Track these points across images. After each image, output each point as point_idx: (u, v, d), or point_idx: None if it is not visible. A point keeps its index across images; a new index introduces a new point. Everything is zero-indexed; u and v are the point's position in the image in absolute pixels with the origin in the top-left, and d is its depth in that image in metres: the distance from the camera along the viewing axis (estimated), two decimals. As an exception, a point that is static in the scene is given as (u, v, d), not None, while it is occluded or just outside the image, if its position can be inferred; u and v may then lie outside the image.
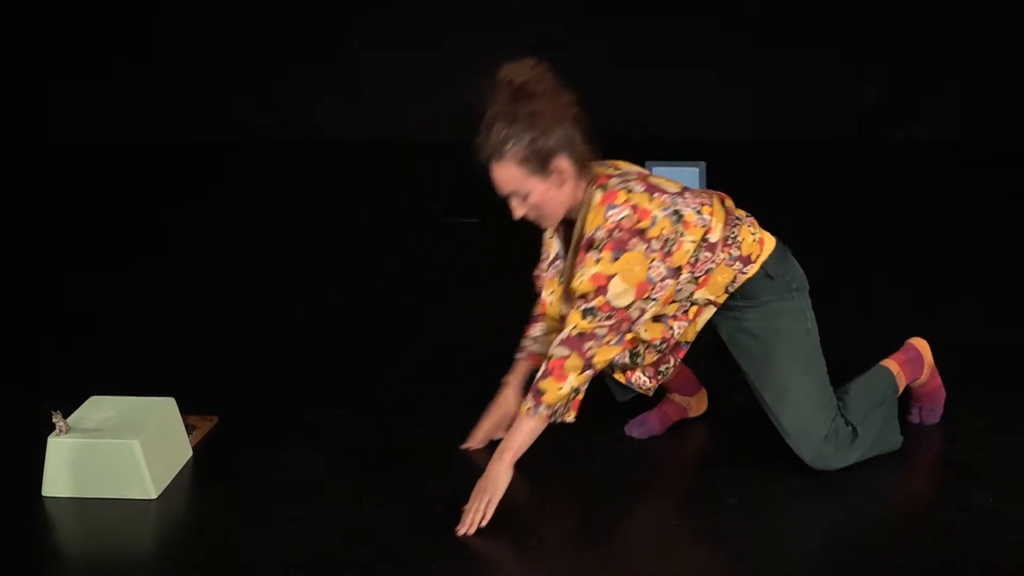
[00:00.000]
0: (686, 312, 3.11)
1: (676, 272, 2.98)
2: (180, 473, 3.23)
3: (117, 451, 3.08)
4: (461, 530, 2.91)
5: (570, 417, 2.96)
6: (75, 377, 3.77)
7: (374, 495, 3.11)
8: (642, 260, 2.91)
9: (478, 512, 2.93)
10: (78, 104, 7.19)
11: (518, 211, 2.98)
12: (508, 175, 2.92)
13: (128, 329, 4.32)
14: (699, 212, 3.00)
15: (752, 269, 3.07)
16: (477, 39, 6.92)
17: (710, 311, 3.11)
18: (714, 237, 3.02)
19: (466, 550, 2.85)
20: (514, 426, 2.99)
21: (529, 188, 2.93)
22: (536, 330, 3.30)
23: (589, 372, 2.94)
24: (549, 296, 3.24)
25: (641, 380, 3.20)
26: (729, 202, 3.13)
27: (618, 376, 3.23)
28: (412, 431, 3.47)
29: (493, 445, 3.18)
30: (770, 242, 3.12)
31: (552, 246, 3.23)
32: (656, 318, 3.10)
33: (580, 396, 2.97)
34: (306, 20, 7.20)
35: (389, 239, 5.44)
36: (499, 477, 2.95)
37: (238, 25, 7.21)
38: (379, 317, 4.41)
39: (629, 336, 3.00)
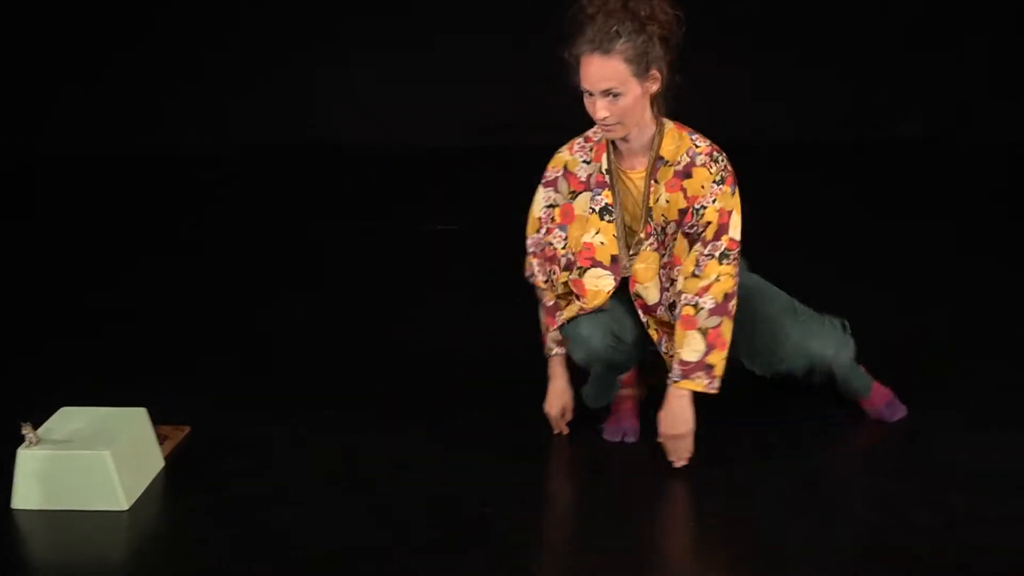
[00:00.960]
0: None
1: None
2: (152, 484, 3.22)
3: (88, 462, 3.07)
4: (677, 464, 3.17)
5: None
6: (46, 388, 3.74)
7: (352, 503, 3.10)
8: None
9: (681, 450, 3.17)
10: (64, 116, 7.18)
11: (602, 111, 2.99)
12: (612, 71, 2.95)
13: (100, 340, 4.29)
14: None
15: None
16: (472, 39, 6.99)
17: None
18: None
19: (452, 558, 2.84)
20: (677, 397, 3.14)
21: (627, 89, 2.96)
22: (559, 317, 3.28)
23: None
24: (595, 237, 3.16)
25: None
26: None
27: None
28: (390, 437, 3.46)
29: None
30: None
31: (568, 182, 3.19)
32: None
33: None
34: (290, 28, 7.20)
35: (368, 245, 5.44)
36: (686, 410, 3.14)
37: (226, 33, 7.23)
38: (356, 324, 4.41)
39: None
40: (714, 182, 3.08)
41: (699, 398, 3.45)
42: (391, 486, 3.18)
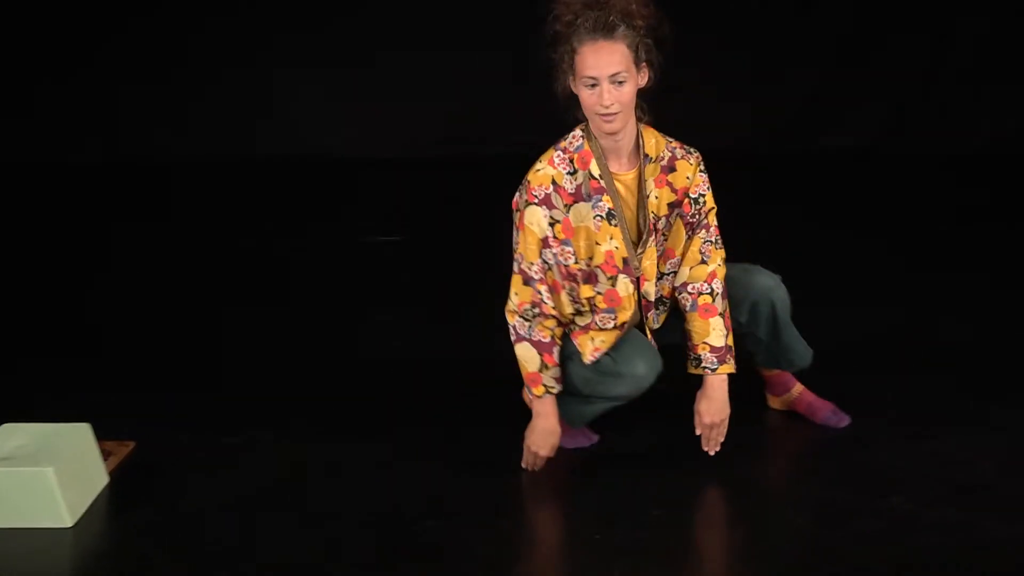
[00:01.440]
0: None
1: None
2: (96, 500, 3.20)
3: (31, 479, 3.04)
4: (712, 451, 3.25)
5: None
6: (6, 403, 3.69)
7: (295, 519, 3.10)
8: None
9: (720, 436, 3.25)
10: (21, 124, 7.14)
11: (609, 97, 3.02)
12: (619, 55, 3.01)
13: (43, 355, 4.26)
14: None
15: None
16: (404, 56, 7.01)
17: None
18: None
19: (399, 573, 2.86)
20: (719, 384, 3.25)
21: (629, 75, 3.04)
22: (556, 354, 3.24)
23: None
24: (611, 243, 3.16)
25: None
26: None
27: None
28: (334, 451, 3.47)
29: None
30: None
31: (560, 196, 3.13)
32: None
33: None
34: (222, 40, 7.18)
35: (310, 258, 5.45)
36: (726, 395, 3.24)
37: (151, 48, 7.21)
38: (299, 337, 4.41)
39: None
40: (699, 171, 3.23)
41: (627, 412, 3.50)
42: (334, 505, 3.17)
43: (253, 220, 6.11)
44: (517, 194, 3.18)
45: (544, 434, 3.26)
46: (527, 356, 3.23)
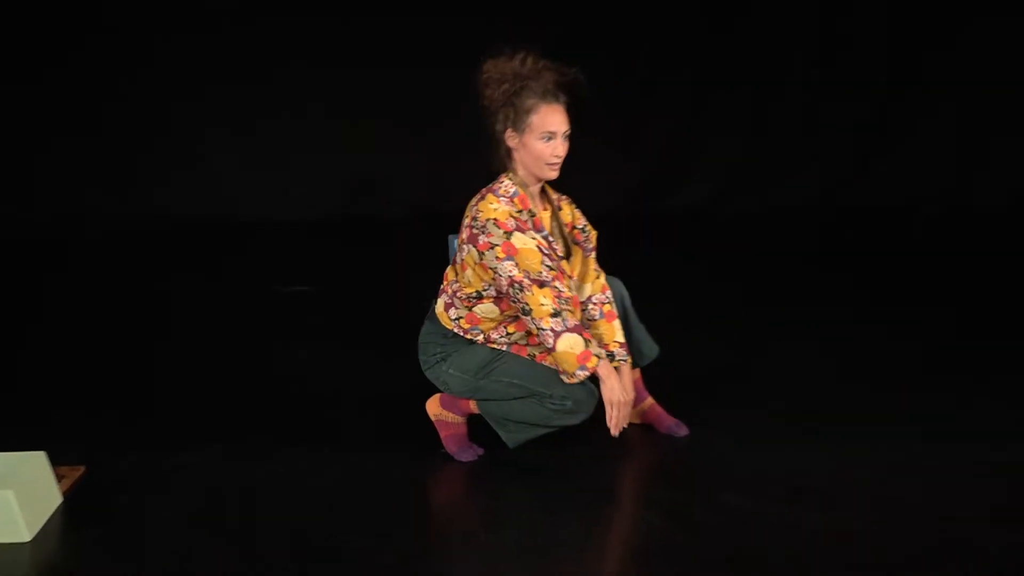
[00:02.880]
0: None
1: None
2: (51, 518, 3.43)
3: (-7, 501, 3.29)
4: (617, 432, 3.54)
5: None
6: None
7: (240, 538, 3.30)
8: None
9: (626, 416, 3.55)
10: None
11: (562, 148, 3.56)
12: (566, 116, 3.54)
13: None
14: None
15: None
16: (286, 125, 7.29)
17: None
18: None
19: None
20: (628, 371, 3.73)
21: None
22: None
23: None
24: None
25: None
26: None
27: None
28: (273, 471, 3.72)
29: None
30: None
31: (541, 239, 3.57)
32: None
33: None
34: (129, 98, 7.33)
35: (228, 310, 5.67)
36: (624, 387, 3.58)
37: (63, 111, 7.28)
38: (235, 370, 4.73)
39: None
40: (574, 208, 3.77)
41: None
42: (278, 524, 3.36)
43: (169, 272, 6.30)
44: (481, 238, 3.47)
45: (623, 389, 3.52)
46: (571, 343, 3.44)
